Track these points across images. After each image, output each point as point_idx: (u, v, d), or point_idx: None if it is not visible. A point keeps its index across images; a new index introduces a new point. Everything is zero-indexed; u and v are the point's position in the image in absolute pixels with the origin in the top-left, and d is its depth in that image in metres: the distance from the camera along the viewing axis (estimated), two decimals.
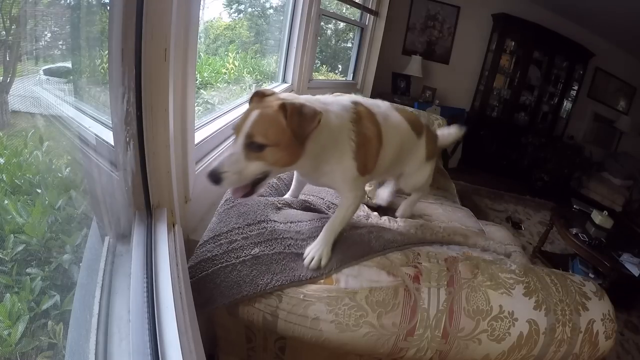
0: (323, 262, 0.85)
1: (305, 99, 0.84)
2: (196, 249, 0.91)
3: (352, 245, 0.92)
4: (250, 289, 0.81)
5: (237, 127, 0.77)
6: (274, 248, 0.88)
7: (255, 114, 0.75)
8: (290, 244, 0.91)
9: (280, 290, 0.82)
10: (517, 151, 4.39)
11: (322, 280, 0.84)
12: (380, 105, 1.02)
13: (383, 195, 1.43)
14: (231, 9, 2.33)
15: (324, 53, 3.85)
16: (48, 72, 0.75)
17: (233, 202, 1.04)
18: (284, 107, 0.75)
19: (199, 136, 1.24)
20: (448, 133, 1.39)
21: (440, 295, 0.83)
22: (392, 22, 3.74)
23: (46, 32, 0.76)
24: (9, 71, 0.66)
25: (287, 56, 2.48)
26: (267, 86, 2.18)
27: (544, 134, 4.48)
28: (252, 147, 0.74)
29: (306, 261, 0.86)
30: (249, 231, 0.92)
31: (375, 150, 0.93)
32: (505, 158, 4.50)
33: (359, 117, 0.90)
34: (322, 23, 3.05)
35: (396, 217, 1.28)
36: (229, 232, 0.94)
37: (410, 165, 1.17)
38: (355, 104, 0.92)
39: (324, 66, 3.81)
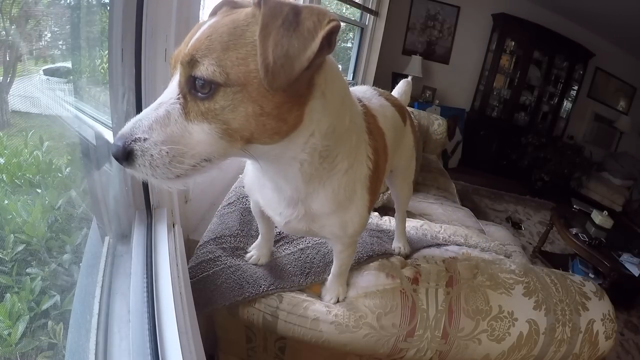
0: (342, 298, 0.83)
1: None
2: (196, 249, 0.91)
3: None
4: (253, 290, 0.81)
5: (174, 56, 0.46)
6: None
7: (207, 24, 0.44)
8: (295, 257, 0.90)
9: (282, 291, 0.82)
10: (517, 151, 4.39)
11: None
12: (370, 97, 0.77)
13: None
14: None
15: None
16: (48, 72, 0.75)
17: (236, 206, 1.04)
18: (259, 3, 0.41)
19: None
20: (403, 91, 1.13)
21: (439, 296, 0.83)
22: (392, 22, 3.74)
23: (46, 32, 0.76)
24: (9, 71, 0.66)
25: None
26: None
27: (544, 134, 4.48)
28: (197, 88, 0.42)
29: (326, 300, 0.83)
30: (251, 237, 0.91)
31: (383, 169, 0.68)
32: (505, 158, 4.50)
33: (369, 124, 0.63)
34: None
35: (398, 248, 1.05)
36: (232, 236, 0.94)
37: (400, 161, 0.95)
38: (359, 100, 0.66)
39: None
